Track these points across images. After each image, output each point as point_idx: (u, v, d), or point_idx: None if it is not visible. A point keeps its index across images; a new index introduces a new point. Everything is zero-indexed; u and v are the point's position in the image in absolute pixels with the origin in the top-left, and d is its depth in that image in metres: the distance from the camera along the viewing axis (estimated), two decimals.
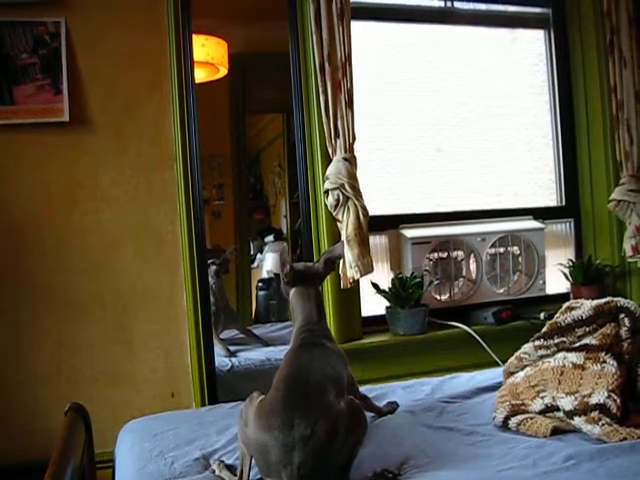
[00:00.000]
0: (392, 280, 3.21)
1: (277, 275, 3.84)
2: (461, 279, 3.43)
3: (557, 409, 1.93)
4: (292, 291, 2.07)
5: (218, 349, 3.32)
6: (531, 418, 1.94)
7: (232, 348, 3.43)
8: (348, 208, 2.99)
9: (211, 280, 3.39)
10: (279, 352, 3.26)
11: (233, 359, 3.32)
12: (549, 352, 2.05)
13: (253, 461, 1.68)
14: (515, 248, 3.49)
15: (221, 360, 3.18)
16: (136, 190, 2.94)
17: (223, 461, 1.82)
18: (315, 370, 1.78)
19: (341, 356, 1.98)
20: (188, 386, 2.96)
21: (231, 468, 1.78)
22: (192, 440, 1.98)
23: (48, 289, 2.84)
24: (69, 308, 2.86)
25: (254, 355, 3.42)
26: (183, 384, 2.96)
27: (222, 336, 3.49)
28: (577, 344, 1.99)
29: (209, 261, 3.39)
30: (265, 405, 1.67)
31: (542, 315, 3.27)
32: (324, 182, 3.05)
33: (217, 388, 2.98)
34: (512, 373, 2.19)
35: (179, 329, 2.97)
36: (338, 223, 3.05)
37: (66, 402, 2.03)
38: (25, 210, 2.83)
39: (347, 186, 2.97)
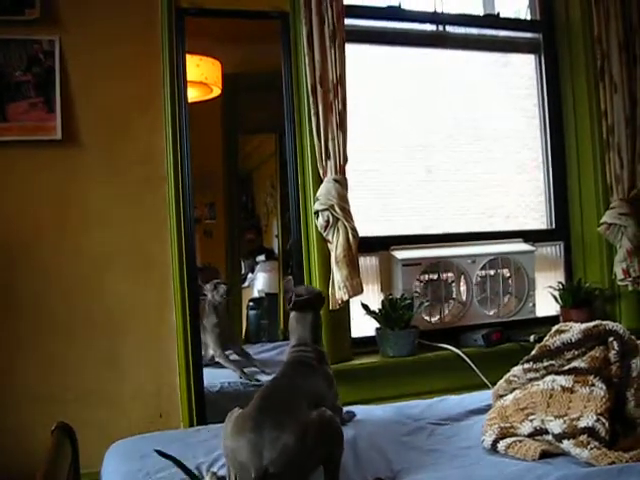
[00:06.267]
0: (382, 301, 3.21)
1: (268, 295, 3.83)
2: (451, 301, 3.43)
3: (546, 432, 1.92)
4: (291, 314, 2.23)
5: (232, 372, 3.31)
6: (520, 441, 1.94)
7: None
8: (338, 229, 3.00)
9: (217, 300, 3.37)
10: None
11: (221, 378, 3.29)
12: (538, 375, 2.05)
13: None
14: (505, 270, 3.50)
15: (210, 381, 3.15)
16: (127, 209, 2.94)
17: (216, 473, 1.85)
18: (293, 384, 1.92)
19: (326, 377, 2.10)
20: (176, 406, 2.94)
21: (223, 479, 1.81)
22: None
23: (36, 308, 2.82)
24: (57, 327, 2.84)
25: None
26: (172, 404, 2.94)
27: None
28: (566, 367, 1.99)
29: (216, 281, 3.38)
30: (240, 414, 1.75)
31: (532, 338, 3.27)
32: (315, 203, 3.06)
33: (206, 409, 2.96)
34: (501, 396, 2.18)
35: (168, 349, 2.95)
36: (328, 244, 3.05)
37: (53, 421, 2.01)
38: (15, 228, 2.82)
39: (337, 207, 2.98)
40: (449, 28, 3.73)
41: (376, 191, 3.54)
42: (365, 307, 3.18)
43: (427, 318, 3.36)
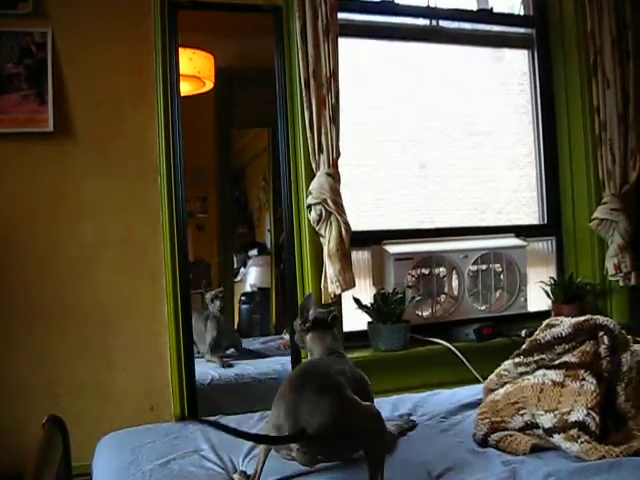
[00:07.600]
0: (374, 296, 3.22)
1: (260, 289, 3.84)
2: (443, 296, 3.43)
3: (536, 426, 1.94)
4: (309, 336, 2.11)
5: (212, 364, 3.33)
6: (510, 435, 1.95)
7: None
8: (330, 223, 3.00)
9: (217, 312, 3.40)
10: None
11: (212, 372, 3.29)
12: (529, 369, 2.06)
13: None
14: (497, 265, 3.50)
15: (202, 373, 3.15)
16: (119, 202, 2.93)
17: (245, 472, 1.86)
18: (330, 364, 1.90)
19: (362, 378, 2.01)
20: (168, 400, 2.94)
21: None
22: (169, 454, 1.97)
23: (29, 301, 2.81)
24: (49, 320, 2.83)
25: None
26: (163, 397, 2.94)
27: None
28: (557, 361, 2.00)
29: (213, 292, 3.42)
30: (282, 383, 1.79)
31: (523, 332, 3.28)
32: (307, 197, 3.06)
33: (197, 401, 2.96)
34: (492, 390, 2.19)
35: (159, 342, 2.94)
36: (321, 238, 3.05)
37: (44, 414, 2.01)
38: (6, 220, 2.81)
39: (329, 201, 2.98)
40: (442, 23, 3.73)
41: (370, 186, 3.53)
42: (357, 301, 3.18)
43: (419, 312, 3.37)
